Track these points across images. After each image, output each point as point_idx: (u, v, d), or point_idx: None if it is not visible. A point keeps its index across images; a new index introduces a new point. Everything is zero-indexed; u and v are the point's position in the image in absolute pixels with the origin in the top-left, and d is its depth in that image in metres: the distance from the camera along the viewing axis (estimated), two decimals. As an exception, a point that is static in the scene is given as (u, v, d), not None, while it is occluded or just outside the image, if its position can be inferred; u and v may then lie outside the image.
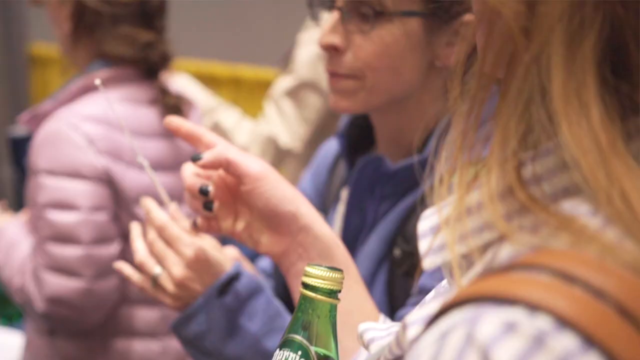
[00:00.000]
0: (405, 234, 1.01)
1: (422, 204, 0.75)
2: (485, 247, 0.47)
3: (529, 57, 0.45)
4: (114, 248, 1.52)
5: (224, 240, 1.25)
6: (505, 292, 0.42)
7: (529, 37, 0.45)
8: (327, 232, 0.89)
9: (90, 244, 1.49)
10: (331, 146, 1.24)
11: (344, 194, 1.13)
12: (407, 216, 1.02)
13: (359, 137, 1.13)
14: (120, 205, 1.54)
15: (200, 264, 0.92)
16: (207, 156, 0.88)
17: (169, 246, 0.94)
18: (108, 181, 1.51)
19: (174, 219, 0.95)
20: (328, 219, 1.15)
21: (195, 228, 0.92)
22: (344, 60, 1.01)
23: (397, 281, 1.02)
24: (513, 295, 0.41)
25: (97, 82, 0.99)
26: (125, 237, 1.54)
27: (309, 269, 0.67)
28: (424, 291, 0.90)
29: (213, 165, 0.88)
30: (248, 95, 3.43)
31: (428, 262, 0.51)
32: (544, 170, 0.47)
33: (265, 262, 1.23)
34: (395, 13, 0.97)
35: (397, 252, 1.02)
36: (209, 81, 3.16)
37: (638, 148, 0.45)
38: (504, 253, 0.45)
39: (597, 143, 0.43)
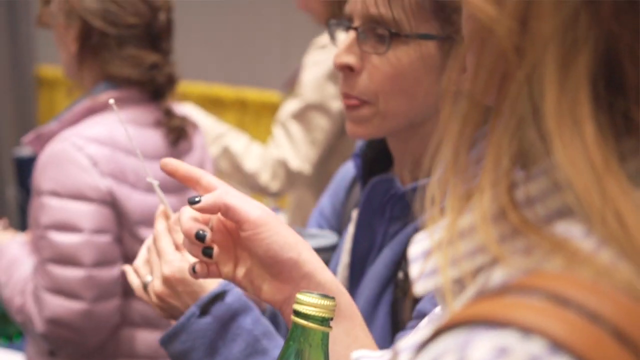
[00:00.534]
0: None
1: (415, 230, 0.74)
2: (477, 271, 0.46)
3: (522, 76, 0.44)
4: (115, 270, 1.52)
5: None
6: (497, 316, 0.41)
7: (521, 55, 0.45)
8: (330, 279, 0.86)
9: (91, 266, 1.49)
10: (350, 167, 1.23)
11: (355, 214, 1.12)
12: None
13: (375, 159, 1.13)
14: (123, 227, 1.53)
15: (175, 282, 0.91)
16: (205, 200, 0.84)
17: (159, 258, 0.94)
18: (111, 203, 1.51)
19: (171, 232, 0.94)
20: (341, 240, 1.14)
21: (195, 275, 0.87)
22: (358, 82, 1.00)
23: (400, 304, 1.01)
24: (505, 318, 0.40)
25: (111, 101, 0.99)
26: (127, 259, 1.54)
27: (300, 297, 0.65)
28: (422, 315, 0.88)
29: (211, 210, 0.84)
30: (253, 118, 3.44)
31: (420, 287, 0.50)
32: (537, 192, 0.46)
33: None
34: (411, 35, 0.96)
35: (400, 274, 1.01)
36: (215, 104, 3.18)
37: (632, 169, 0.44)
38: (497, 276, 0.44)
39: (591, 163, 0.43)
